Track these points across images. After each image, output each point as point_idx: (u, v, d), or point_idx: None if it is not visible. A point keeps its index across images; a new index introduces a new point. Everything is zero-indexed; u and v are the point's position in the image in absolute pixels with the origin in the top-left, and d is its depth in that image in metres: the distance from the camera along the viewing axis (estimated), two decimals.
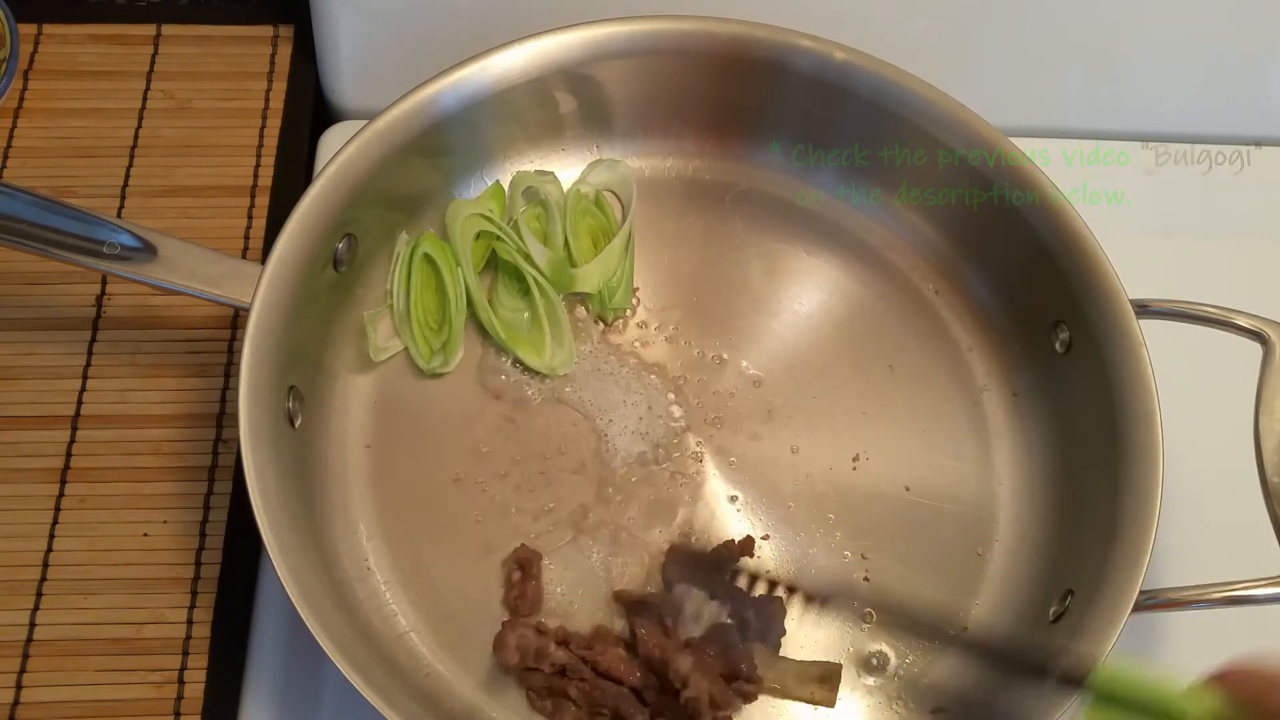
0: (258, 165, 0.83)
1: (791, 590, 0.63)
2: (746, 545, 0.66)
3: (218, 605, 0.68)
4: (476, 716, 0.63)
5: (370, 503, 0.68)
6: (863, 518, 0.70)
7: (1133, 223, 0.83)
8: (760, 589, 0.64)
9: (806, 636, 0.66)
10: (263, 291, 0.63)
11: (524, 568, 0.66)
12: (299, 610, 0.56)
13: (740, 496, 0.70)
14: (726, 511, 0.70)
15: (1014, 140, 0.72)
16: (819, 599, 0.62)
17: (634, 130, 0.79)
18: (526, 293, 0.74)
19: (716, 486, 0.70)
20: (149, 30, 0.88)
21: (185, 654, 0.67)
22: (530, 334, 0.74)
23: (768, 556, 0.68)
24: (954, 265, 0.77)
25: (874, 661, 0.66)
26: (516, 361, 0.73)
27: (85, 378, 0.74)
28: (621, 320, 0.76)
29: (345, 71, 0.86)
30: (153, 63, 0.86)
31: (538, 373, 0.73)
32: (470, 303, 0.74)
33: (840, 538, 0.69)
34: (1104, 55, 0.87)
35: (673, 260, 0.78)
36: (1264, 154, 0.88)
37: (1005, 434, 0.73)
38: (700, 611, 0.63)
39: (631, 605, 0.65)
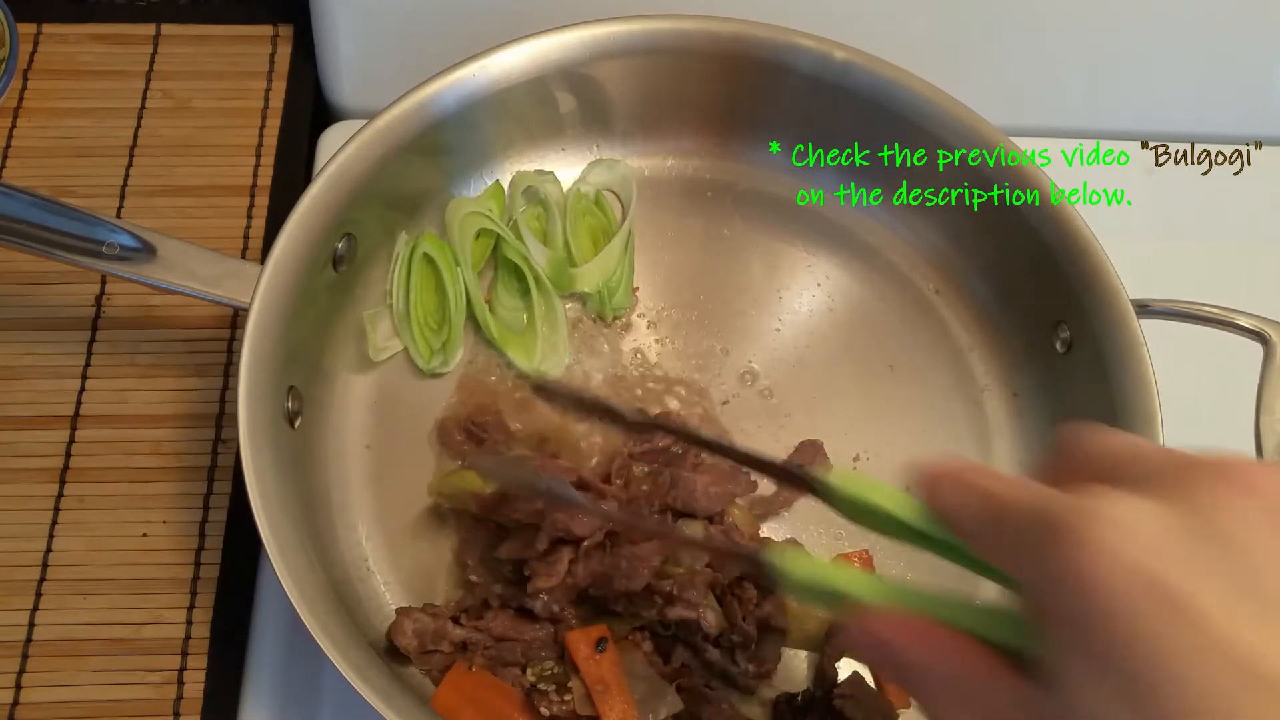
0: (257, 165, 0.83)
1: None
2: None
3: (217, 605, 0.68)
4: None
5: (370, 503, 0.68)
6: None
7: (1133, 223, 0.83)
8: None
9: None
10: (262, 291, 0.63)
11: None
12: (298, 610, 0.56)
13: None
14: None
15: (1014, 140, 0.72)
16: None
17: (634, 130, 0.79)
18: (526, 292, 0.74)
19: None
20: (148, 30, 0.88)
21: (184, 654, 0.67)
22: (524, 335, 0.74)
23: None
24: (954, 265, 0.77)
25: None
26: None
27: (84, 378, 0.74)
28: (621, 320, 0.75)
29: (345, 71, 0.86)
30: (152, 62, 0.86)
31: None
32: (468, 302, 0.74)
33: (842, 537, 0.69)
34: (1104, 55, 0.87)
35: (673, 260, 0.78)
36: (1264, 154, 0.88)
37: (1006, 434, 0.73)
38: None
39: None
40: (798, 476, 0.48)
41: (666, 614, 0.61)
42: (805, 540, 0.69)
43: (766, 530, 0.69)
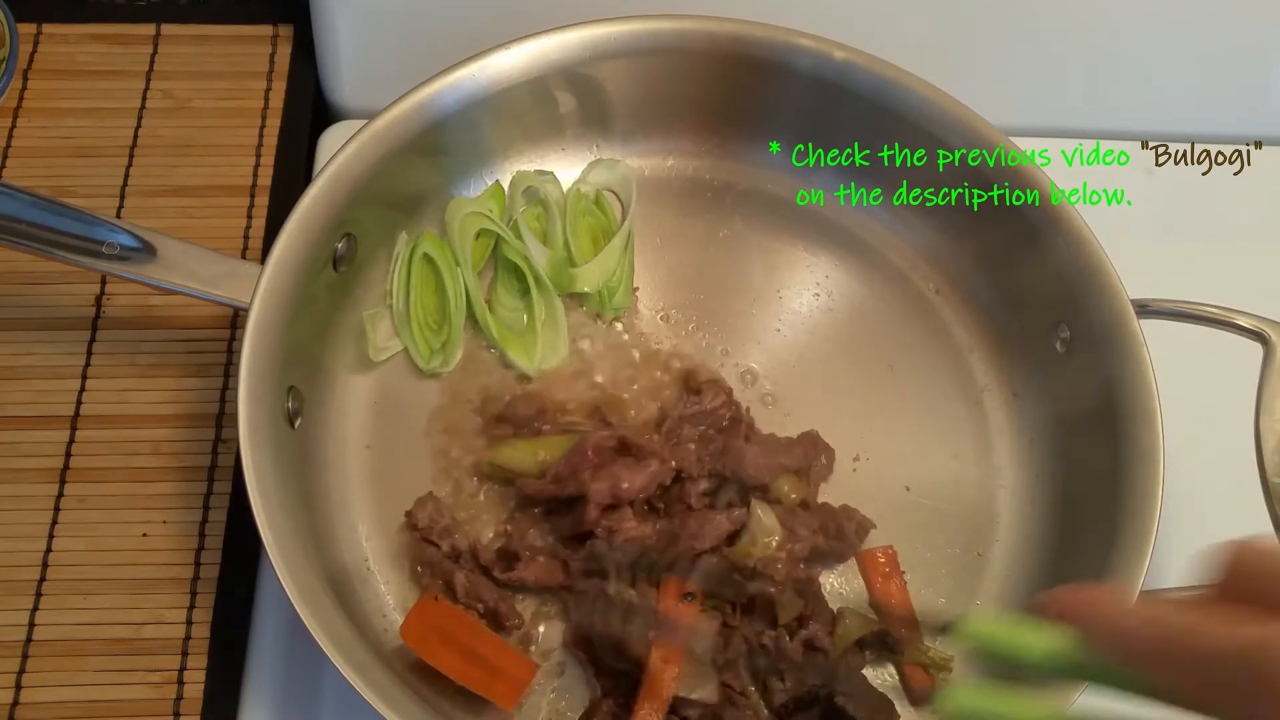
0: (257, 165, 0.83)
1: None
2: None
3: (217, 605, 0.68)
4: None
5: (370, 503, 0.68)
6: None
7: (1133, 223, 0.83)
8: None
9: None
10: (262, 291, 0.63)
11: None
12: (298, 610, 0.56)
13: None
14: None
15: (1014, 140, 0.72)
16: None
17: (634, 130, 0.79)
18: (526, 292, 0.74)
19: None
20: (148, 30, 0.88)
21: (185, 654, 0.67)
22: (524, 335, 0.74)
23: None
24: (954, 265, 0.77)
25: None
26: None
27: (84, 378, 0.74)
28: (621, 320, 0.75)
29: (345, 71, 0.86)
30: (152, 62, 0.86)
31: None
32: (468, 302, 0.74)
33: None
34: (1104, 55, 0.87)
35: (673, 260, 0.78)
36: (1264, 154, 0.88)
37: (1006, 434, 0.73)
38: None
39: None
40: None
41: (748, 588, 0.63)
42: None
43: None
